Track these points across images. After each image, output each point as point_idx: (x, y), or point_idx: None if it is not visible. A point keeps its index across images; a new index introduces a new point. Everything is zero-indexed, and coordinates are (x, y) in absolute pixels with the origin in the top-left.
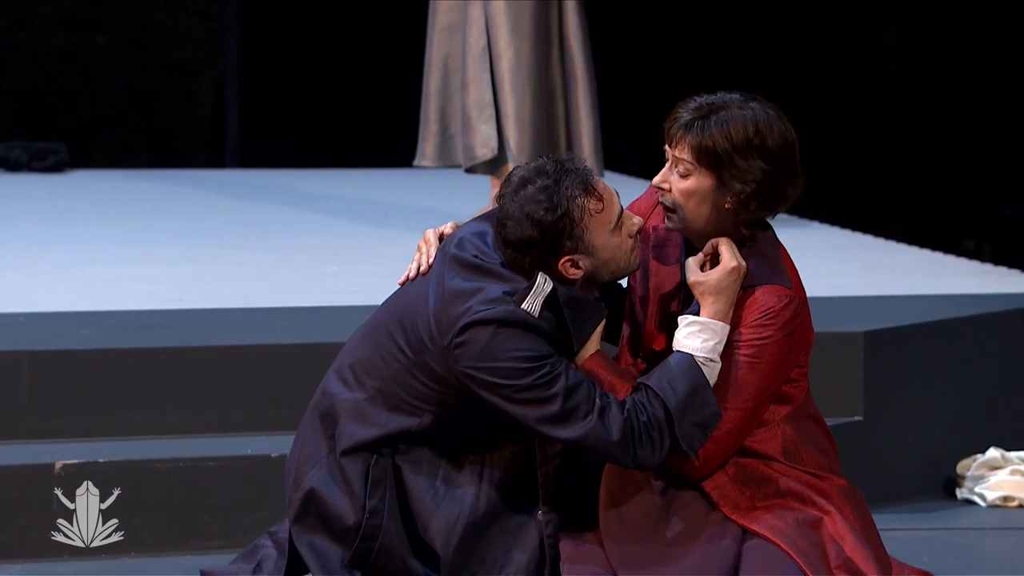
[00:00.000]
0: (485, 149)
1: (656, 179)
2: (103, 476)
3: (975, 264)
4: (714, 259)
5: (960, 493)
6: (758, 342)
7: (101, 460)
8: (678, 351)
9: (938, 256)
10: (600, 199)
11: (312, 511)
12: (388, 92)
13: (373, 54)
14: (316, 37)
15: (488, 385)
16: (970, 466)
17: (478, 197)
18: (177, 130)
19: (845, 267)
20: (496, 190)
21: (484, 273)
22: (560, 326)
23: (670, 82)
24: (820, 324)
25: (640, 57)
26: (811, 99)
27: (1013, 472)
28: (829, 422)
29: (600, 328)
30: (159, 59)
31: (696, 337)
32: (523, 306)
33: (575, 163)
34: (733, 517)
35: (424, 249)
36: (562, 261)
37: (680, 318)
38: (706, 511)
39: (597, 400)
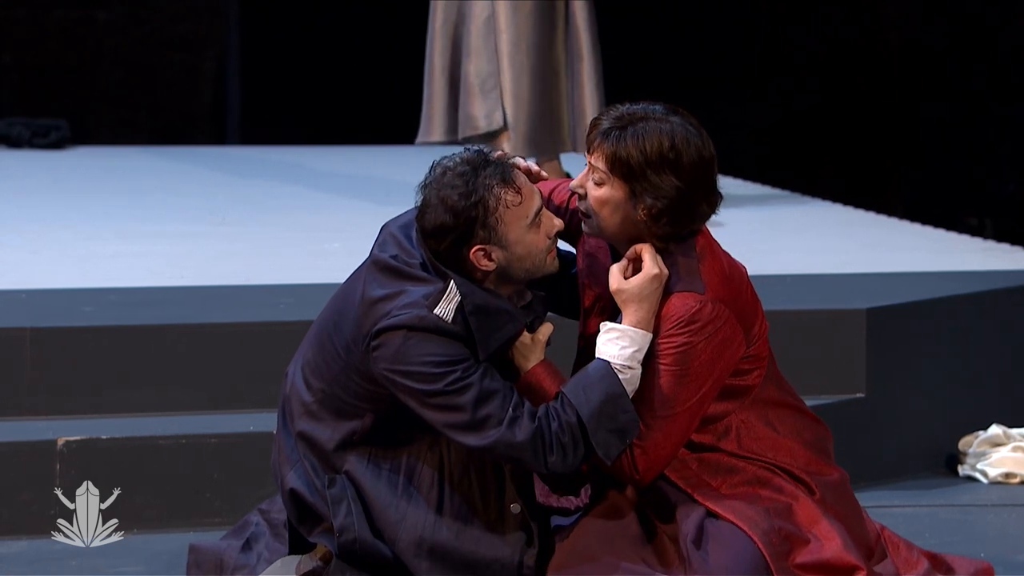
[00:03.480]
0: (487, 121)
1: (572, 183)
2: (105, 453)
3: (977, 241)
4: (636, 265)
5: (962, 470)
6: (675, 350)
7: (103, 436)
8: (597, 358)
9: (940, 233)
10: (518, 192)
11: (302, 510)
12: (390, 69)
13: (375, 31)
14: (318, 14)
15: (403, 388)
16: (972, 443)
17: None
18: (178, 106)
19: (847, 244)
20: None
21: (402, 277)
22: (471, 337)
23: (674, 61)
24: (822, 301)
25: (644, 38)
26: (812, 77)
27: (1015, 449)
28: (831, 399)
29: (540, 336)
30: (160, 35)
31: (614, 344)
32: (436, 311)
33: (500, 157)
34: (705, 503)
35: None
36: (474, 250)
37: (601, 324)
38: (677, 497)
39: (509, 410)
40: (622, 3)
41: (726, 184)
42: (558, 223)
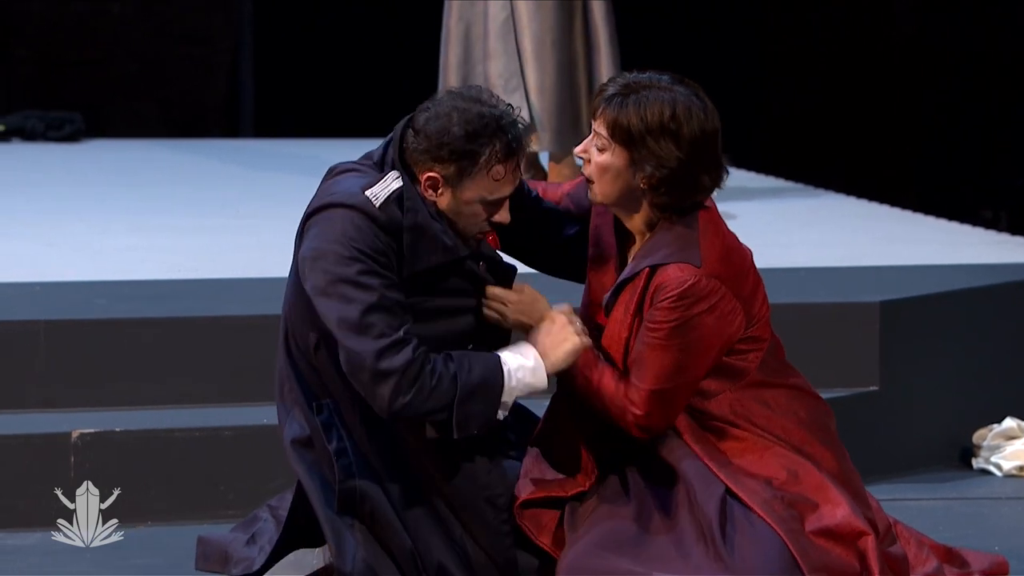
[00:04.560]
0: None
1: (577, 148)
2: (119, 445)
3: (992, 234)
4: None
5: (976, 463)
6: (670, 324)
7: (117, 429)
8: (495, 353)
9: (954, 226)
10: (506, 172)
11: (307, 459)
12: (404, 62)
13: (388, 24)
14: (332, 6)
15: (314, 272)
16: (986, 436)
17: None
18: (192, 99)
19: (861, 237)
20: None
21: (339, 173)
22: (400, 234)
23: (687, 53)
24: (836, 294)
25: (656, 31)
26: (825, 68)
27: None
28: (844, 392)
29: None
30: (174, 28)
31: (519, 359)
32: (367, 192)
33: (524, 132)
34: (719, 474)
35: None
36: (431, 173)
37: (527, 341)
38: (691, 468)
39: (400, 332)
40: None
41: (738, 177)
42: (505, 217)
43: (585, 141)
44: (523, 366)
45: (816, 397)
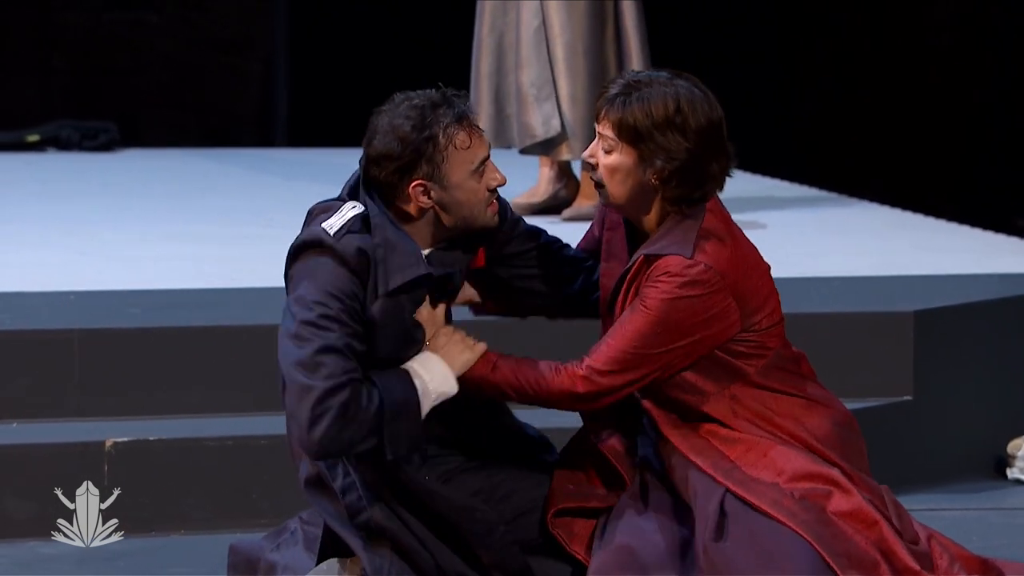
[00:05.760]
0: (546, 128)
1: (584, 153)
2: (153, 454)
3: None
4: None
5: (1010, 473)
6: (658, 296)
7: (151, 438)
8: (404, 368)
9: (990, 235)
10: (469, 136)
11: (322, 494)
12: (437, 71)
13: (422, 33)
14: (366, 15)
15: (283, 318)
16: (1021, 446)
17: (527, 177)
18: (227, 108)
19: (895, 246)
20: (548, 169)
21: (314, 215)
22: (365, 258)
23: (718, 62)
24: (870, 304)
25: (688, 37)
26: (861, 76)
27: None
28: (878, 402)
29: (439, 310)
30: (209, 37)
31: (432, 371)
32: (324, 225)
33: (462, 102)
34: (725, 483)
35: None
36: (414, 184)
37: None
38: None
39: (346, 377)
40: (665, 2)
41: (771, 186)
42: (500, 177)
43: (591, 145)
44: (434, 375)
45: (835, 411)
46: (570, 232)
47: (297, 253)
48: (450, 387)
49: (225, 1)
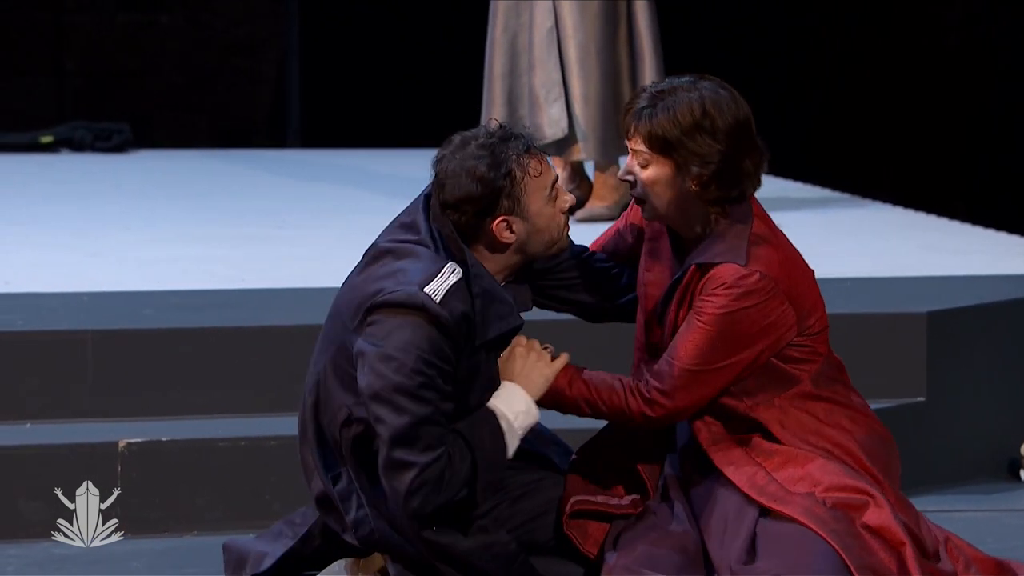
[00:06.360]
0: (554, 129)
1: (620, 172)
2: (166, 454)
3: None
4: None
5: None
6: (715, 310)
7: (164, 439)
8: (491, 410)
9: (1002, 236)
10: (540, 163)
11: (334, 512)
12: (450, 72)
13: (436, 33)
14: (378, 16)
15: (372, 370)
16: None
17: None
18: (239, 110)
19: (907, 247)
20: (561, 170)
21: (399, 256)
22: (467, 322)
23: (728, 63)
24: (883, 304)
25: (698, 39)
26: (872, 77)
27: None
28: (891, 403)
29: (540, 376)
30: (221, 38)
31: (511, 403)
32: (426, 289)
33: (518, 130)
34: (758, 500)
35: None
36: (497, 221)
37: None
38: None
39: (442, 447)
40: (677, 3)
41: (784, 187)
42: (570, 197)
43: (626, 163)
44: (518, 412)
45: (877, 424)
46: (583, 234)
47: (388, 306)
48: (533, 419)
49: (237, 3)
